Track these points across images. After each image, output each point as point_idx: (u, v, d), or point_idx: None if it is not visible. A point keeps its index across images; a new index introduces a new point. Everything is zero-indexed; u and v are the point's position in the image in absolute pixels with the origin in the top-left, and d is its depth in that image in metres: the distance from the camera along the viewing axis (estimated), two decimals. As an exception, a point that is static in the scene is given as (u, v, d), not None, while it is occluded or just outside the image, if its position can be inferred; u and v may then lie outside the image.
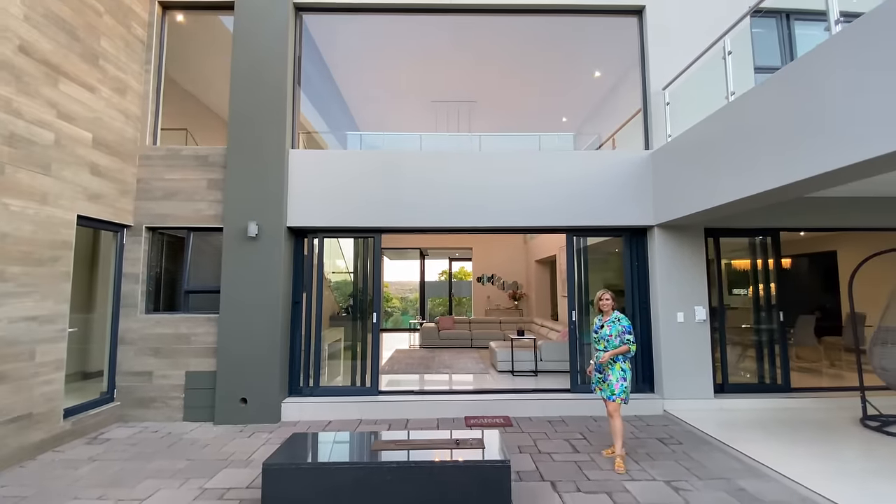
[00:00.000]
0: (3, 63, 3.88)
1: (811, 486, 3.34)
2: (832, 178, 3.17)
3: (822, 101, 3.11)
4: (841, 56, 2.98)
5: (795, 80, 3.38)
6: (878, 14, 2.72)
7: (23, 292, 4.06)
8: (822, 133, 3.08)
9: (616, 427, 3.86)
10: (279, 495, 2.79)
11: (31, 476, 3.76)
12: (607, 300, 4.01)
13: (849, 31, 2.96)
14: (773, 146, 3.56)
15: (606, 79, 7.97)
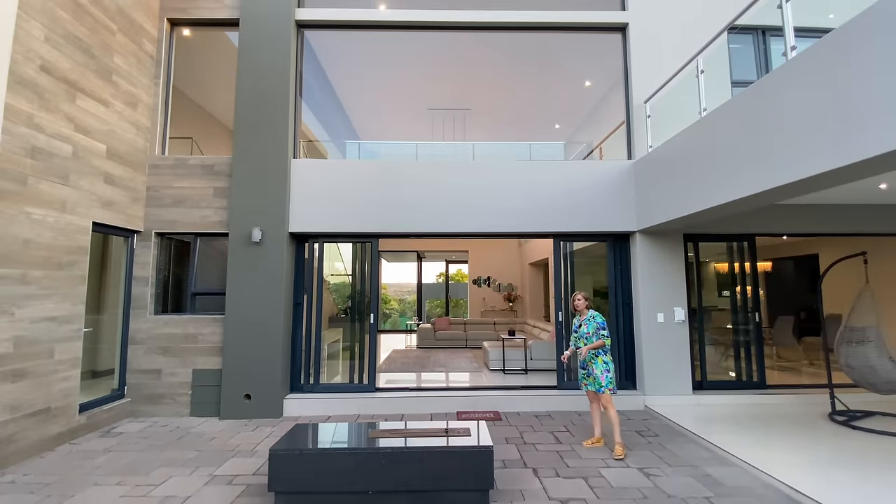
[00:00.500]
0: (27, 82, 4.19)
1: (773, 473, 3.64)
2: (782, 191, 3.50)
3: (769, 123, 3.44)
4: (786, 84, 3.32)
5: (748, 103, 3.72)
6: (809, 52, 3.05)
7: (43, 294, 4.36)
8: (771, 154, 3.41)
9: (612, 417, 4.18)
10: (284, 477, 3.09)
11: (52, 465, 4.05)
12: (580, 300, 4.37)
13: (788, 65, 3.30)
14: (733, 161, 3.90)
15: (597, 88, 8.30)
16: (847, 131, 2.82)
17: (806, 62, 3.22)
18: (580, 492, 3.40)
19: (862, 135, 2.72)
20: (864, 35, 2.76)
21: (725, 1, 4.66)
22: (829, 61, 3.01)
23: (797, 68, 3.30)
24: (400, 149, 8.46)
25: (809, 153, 3.10)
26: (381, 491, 3.11)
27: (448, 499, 3.13)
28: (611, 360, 4.27)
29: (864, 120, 2.72)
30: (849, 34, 2.88)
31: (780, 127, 3.42)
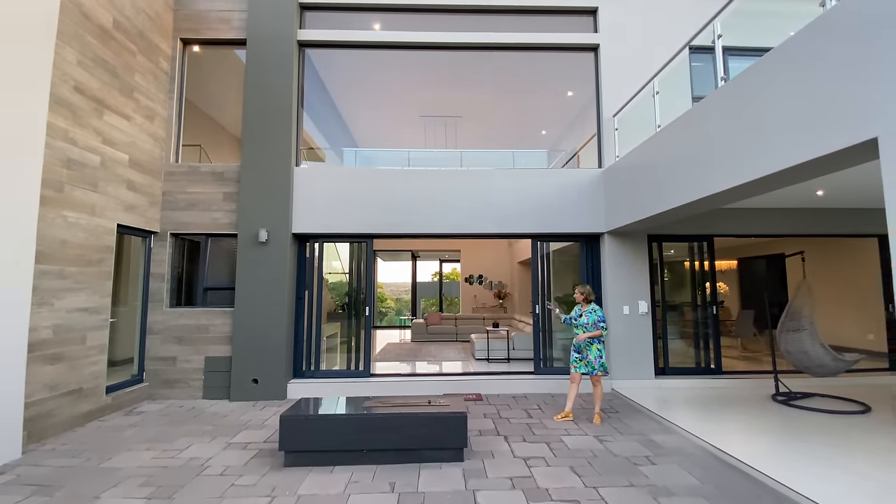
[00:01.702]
0: (63, 101, 4.78)
1: (706, 438, 4.29)
2: (717, 198, 4.15)
3: (701, 141, 4.10)
4: (712, 108, 3.97)
5: (686, 124, 4.38)
6: (727, 85, 3.71)
7: (78, 288, 4.96)
8: (704, 167, 4.07)
9: (598, 393, 5.01)
10: (292, 438, 3.71)
11: (85, 437, 4.65)
12: (579, 294, 5.05)
13: (712, 95, 3.95)
14: (678, 172, 4.55)
15: (578, 98, 8.91)
16: (755, 151, 3.47)
17: (726, 93, 3.87)
18: (541, 452, 4.04)
19: (764, 155, 3.37)
20: (762, 78, 3.42)
21: (688, 23, 5.23)
22: (739, 95, 3.67)
23: (719, 97, 3.95)
24: (394, 155, 9.08)
25: (729, 168, 3.76)
26: (374, 449, 3.74)
27: (429, 456, 3.76)
28: (603, 347, 4.98)
29: (765, 143, 3.37)
30: (750, 76, 3.54)
31: (709, 144, 4.08)
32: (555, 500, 3.14)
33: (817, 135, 2.92)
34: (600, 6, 6.95)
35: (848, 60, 2.76)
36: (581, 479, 3.48)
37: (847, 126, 2.72)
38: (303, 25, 6.88)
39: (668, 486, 3.37)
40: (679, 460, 3.86)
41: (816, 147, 2.92)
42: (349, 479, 3.49)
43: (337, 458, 3.75)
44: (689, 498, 3.18)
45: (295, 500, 3.18)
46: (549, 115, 9.84)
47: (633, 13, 6.94)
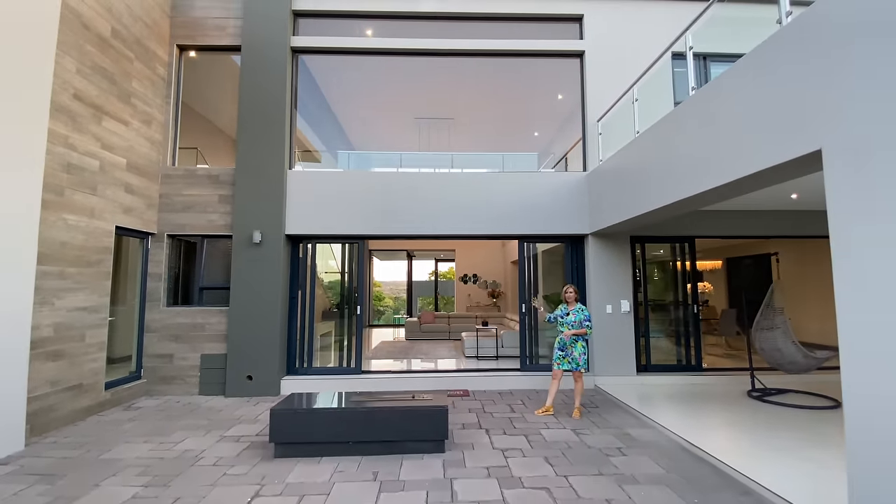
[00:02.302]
0: (63, 108, 4.96)
1: (678, 432, 4.49)
2: (685, 204, 4.35)
3: (672, 149, 4.30)
4: (685, 117, 4.17)
5: (660, 132, 4.59)
6: (689, 101, 3.91)
7: (77, 287, 5.15)
8: (674, 173, 4.27)
9: (579, 388, 5.23)
10: (282, 431, 3.92)
11: (86, 430, 4.85)
12: (570, 293, 5.27)
13: (680, 106, 4.16)
14: (653, 177, 4.75)
15: (568, 101, 9.09)
16: (719, 159, 3.67)
17: (694, 103, 4.07)
18: (519, 444, 4.25)
19: (727, 163, 3.57)
20: (722, 92, 3.62)
21: (671, 30, 5.34)
22: (704, 107, 3.87)
23: (688, 107, 4.15)
24: (386, 157, 9.26)
25: (697, 174, 3.96)
26: (359, 441, 3.95)
27: (412, 447, 3.97)
28: (586, 344, 5.21)
29: (727, 152, 3.57)
30: (711, 90, 3.74)
31: (680, 151, 4.28)
32: (526, 487, 3.34)
33: (770, 146, 3.13)
34: (586, 14, 7.14)
35: (795, 79, 2.96)
36: (553, 468, 3.69)
37: (795, 139, 2.93)
38: (296, 32, 7.06)
39: (634, 475, 3.57)
40: (650, 452, 4.07)
41: (770, 157, 3.12)
42: (335, 469, 3.69)
43: (324, 449, 3.96)
44: (653, 486, 3.38)
45: (283, 488, 3.39)
46: (541, 117, 10.00)
47: (617, 21, 7.13)
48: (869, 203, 2.46)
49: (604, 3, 7.18)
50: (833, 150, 2.69)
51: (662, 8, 7.13)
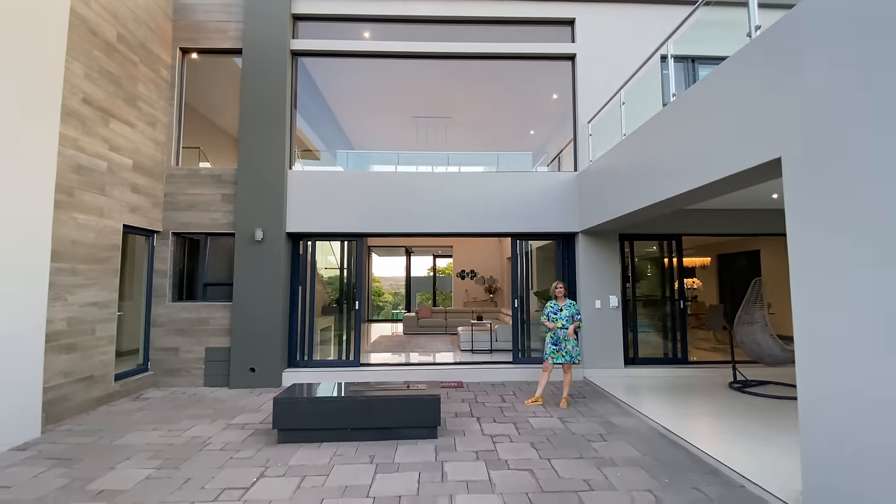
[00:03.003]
0: (73, 112, 5.18)
1: (659, 420, 4.76)
2: (665, 205, 4.59)
3: (648, 155, 4.54)
4: (661, 127, 4.40)
5: (641, 137, 4.82)
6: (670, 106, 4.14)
7: (88, 284, 5.40)
8: (655, 175, 4.51)
9: (567, 380, 5.50)
10: (284, 418, 4.18)
11: (98, 418, 5.12)
12: (560, 289, 5.50)
13: (663, 112, 4.38)
14: (637, 179, 4.98)
15: (562, 101, 9.30)
16: (694, 163, 3.90)
17: (671, 110, 4.30)
18: (508, 431, 4.52)
19: (700, 167, 3.81)
20: (695, 102, 3.85)
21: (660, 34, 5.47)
22: (680, 115, 4.10)
23: (667, 113, 4.38)
24: (384, 156, 9.47)
25: (675, 177, 4.19)
26: (357, 428, 4.21)
27: (406, 434, 4.24)
28: (577, 338, 5.47)
29: (700, 157, 3.81)
30: (685, 100, 3.97)
31: (660, 155, 4.51)
32: (511, 469, 3.61)
33: (736, 153, 3.37)
34: (577, 17, 7.33)
35: (758, 92, 3.19)
36: (538, 452, 3.96)
37: (759, 147, 3.16)
38: (296, 35, 7.26)
39: (612, 458, 3.84)
40: (629, 438, 4.34)
41: (736, 164, 3.36)
42: (334, 453, 3.96)
43: (324, 435, 4.22)
44: (628, 468, 3.65)
45: (286, 470, 3.65)
46: (536, 116, 10.18)
47: (608, 24, 7.32)
48: (820, 204, 2.71)
49: (595, 7, 7.37)
50: (790, 159, 2.93)
51: (652, 11, 7.32)
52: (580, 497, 3.16)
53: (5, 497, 3.31)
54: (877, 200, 2.37)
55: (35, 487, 3.45)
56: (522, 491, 3.25)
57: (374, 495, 3.22)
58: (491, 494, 3.21)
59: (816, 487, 2.76)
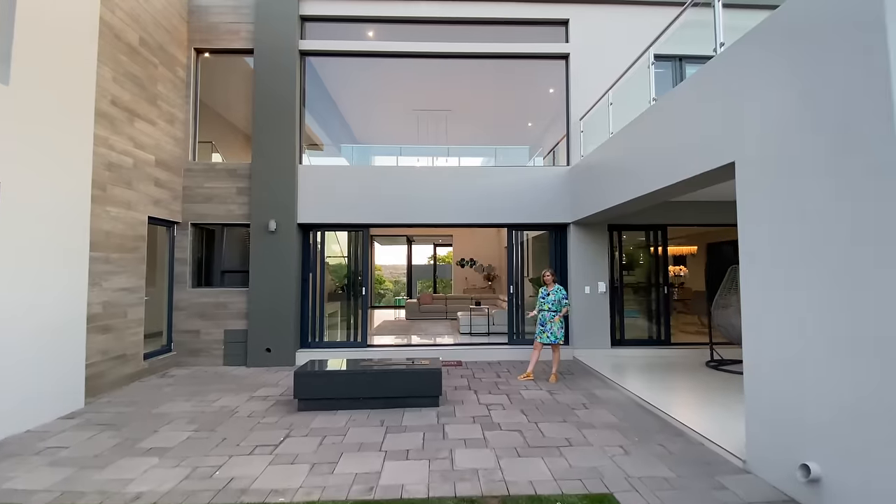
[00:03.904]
0: (103, 113, 5.63)
1: (636, 392, 5.31)
2: (644, 199, 5.08)
3: (630, 154, 5.01)
4: (641, 129, 4.86)
5: (627, 136, 5.28)
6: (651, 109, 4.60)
7: (120, 271, 5.91)
8: (631, 172, 4.99)
9: (556, 358, 6.04)
10: (304, 388, 4.73)
11: (132, 392, 5.68)
12: (548, 276, 6.01)
13: (643, 115, 4.84)
14: (622, 173, 5.46)
15: (559, 95, 9.68)
16: (665, 164, 4.38)
17: (650, 114, 4.76)
18: (501, 401, 5.09)
19: (671, 168, 4.29)
20: (664, 112, 4.31)
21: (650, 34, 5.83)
22: (656, 119, 4.56)
23: (646, 116, 4.84)
24: (387, 150, 9.91)
25: (651, 175, 4.67)
26: (368, 397, 4.77)
27: (411, 402, 4.80)
28: (564, 321, 5.99)
29: (671, 159, 4.29)
30: (657, 108, 4.43)
31: (639, 154, 4.99)
32: (503, 430, 4.18)
33: (700, 157, 3.85)
34: (571, 18, 7.71)
35: (718, 105, 3.66)
36: (527, 417, 4.53)
37: (713, 154, 3.65)
38: (303, 36, 7.65)
39: (592, 422, 4.41)
40: (609, 407, 4.90)
41: (700, 166, 3.85)
42: (349, 419, 4.52)
43: (339, 404, 4.78)
44: (605, 429, 4.22)
45: (308, 431, 4.22)
46: (533, 112, 10.55)
47: (600, 25, 7.70)
48: (763, 203, 3.21)
49: (588, 8, 7.74)
50: (742, 163, 3.41)
51: (642, 12, 7.69)
52: (560, 451, 3.72)
53: (67, 455, 3.86)
54: (803, 199, 2.87)
55: (91, 447, 4.01)
56: (512, 446, 3.82)
57: (385, 449, 3.78)
58: (485, 449, 3.77)
59: (755, 435, 3.31)
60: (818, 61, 2.76)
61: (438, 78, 9.13)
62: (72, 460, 3.70)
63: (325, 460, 3.59)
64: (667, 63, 7.84)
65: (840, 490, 2.62)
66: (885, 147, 2.34)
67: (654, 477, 3.27)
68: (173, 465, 3.58)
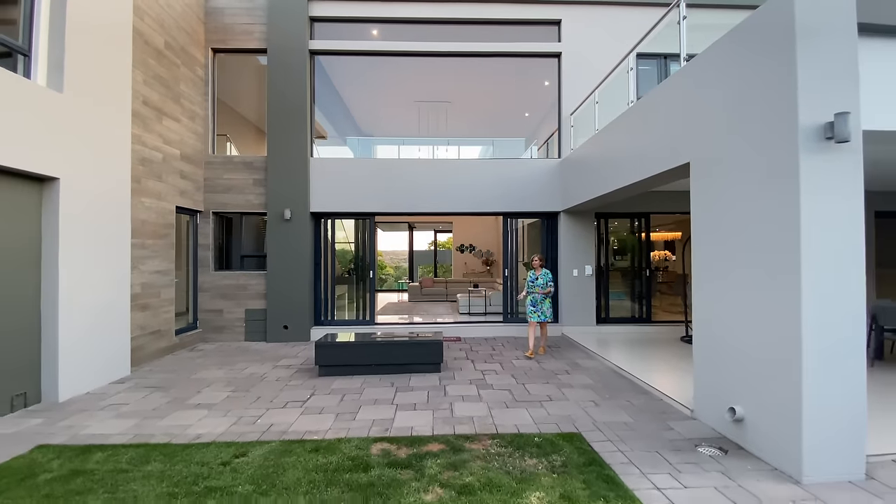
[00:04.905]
0: (137, 113, 6.24)
1: (614, 361, 6.06)
2: (623, 191, 5.74)
3: (611, 150, 5.65)
4: (620, 128, 5.49)
5: (606, 135, 5.91)
6: (630, 109, 5.22)
7: (154, 256, 6.60)
8: (612, 166, 5.64)
9: (544, 333, 6.74)
10: (324, 357, 5.47)
11: (169, 363, 6.43)
12: (536, 260, 6.67)
13: (621, 116, 5.46)
14: (603, 167, 6.11)
15: (554, 87, 10.20)
16: (638, 161, 5.03)
17: (627, 115, 5.39)
18: (494, 368, 5.84)
19: (642, 165, 4.93)
20: (633, 118, 4.94)
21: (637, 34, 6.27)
22: (631, 121, 5.19)
23: (624, 117, 5.46)
24: (390, 142, 10.49)
25: (627, 170, 5.32)
26: (379, 364, 5.51)
27: (417, 368, 5.55)
28: (552, 302, 6.68)
29: (642, 157, 4.93)
30: (629, 112, 5.05)
31: (618, 151, 5.62)
32: (495, 389, 4.93)
33: (663, 156, 4.50)
34: (563, 19, 8.22)
35: (677, 110, 4.30)
36: (516, 380, 5.27)
37: (672, 154, 4.30)
38: (313, 36, 8.17)
39: (571, 384, 5.15)
40: (588, 373, 5.65)
41: (663, 164, 4.50)
42: (364, 381, 5.27)
43: (354, 370, 5.52)
44: (582, 389, 4.96)
45: (329, 391, 4.96)
46: (531, 99, 11.06)
47: (591, 25, 8.22)
48: (708, 197, 3.88)
49: (579, 9, 8.25)
50: (695, 163, 4.07)
51: (630, 13, 8.20)
52: (542, 404, 4.47)
53: (128, 409, 4.60)
54: (734, 197, 3.54)
55: (147, 403, 4.75)
56: (501, 401, 4.56)
57: (396, 403, 4.53)
58: (479, 403, 4.52)
59: (699, 390, 4.05)
60: (743, 81, 3.40)
61: (439, 73, 9.65)
62: (134, 413, 4.45)
63: (346, 411, 4.34)
64: (652, 61, 8.40)
65: (754, 424, 3.35)
66: (781, 151, 3.01)
67: (617, 422, 4.02)
68: (221, 415, 4.32)
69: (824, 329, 2.95)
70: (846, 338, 2.96)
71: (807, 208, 2.95)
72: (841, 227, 2.96)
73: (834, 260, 2.96)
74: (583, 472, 3.06)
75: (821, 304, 2.95)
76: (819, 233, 2.95)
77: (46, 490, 2.98)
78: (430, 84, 10.23)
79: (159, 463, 3.30)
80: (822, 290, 2.95)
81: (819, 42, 2.97)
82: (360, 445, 3.50)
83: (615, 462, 3.23)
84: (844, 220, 2.97)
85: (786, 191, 3.05)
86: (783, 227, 3.08)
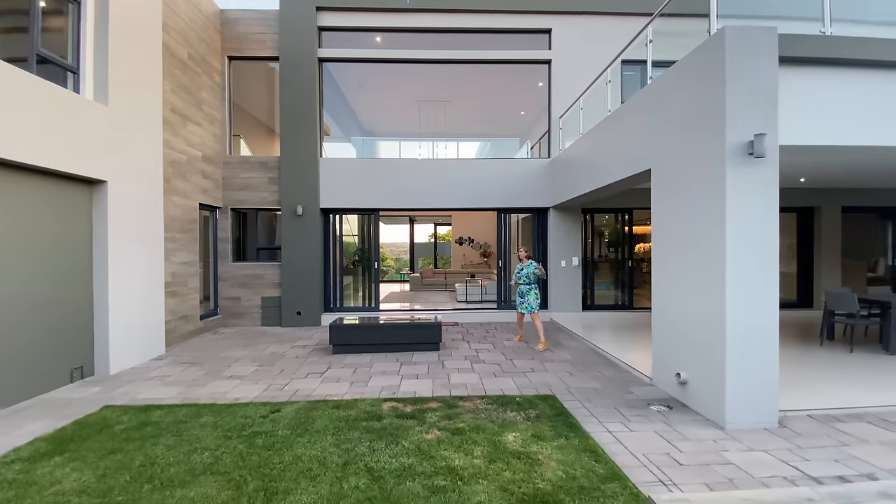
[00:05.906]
0: (167, 120, 6.93)
1: (595, 342, 6.83)
2: (602, 190, 6.46)
3: (592, 153, 6.36)
4: (599, 134, 6.20)
5: (592, 137, 6.61)
6: (604, 122, 5.93)
7: (182, 248, 7.34)
8: (591, 168, 6.35)
9: (538, 325, 7.12)
10: (337, 337, 6.24)
11: (197, 344, 7.20)
12: (522, 253, 7.36)
13: (603, 122, 6.17)
14: (588, 167, 6.82)
15: (546, 90, 10.85)
16: (611, 164, 5.74)
17: (605, 123, 6.09)
18: (487, 348, 6.61)
19: (614, 168, 5.65)
20: (608, 125, 5.65)
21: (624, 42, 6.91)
22: (607, 129, 5.90)
23: (603, 124, 6.17)
24: (392, 141, 11.16)
25: (603, 172, 6.04)
26: (385, 343, 6.28)
27: (418, 347, 6.32)
28: (538, 292, 7.35)
29: (629, 155, 5.65)
30: (621, 112, 5.76)
31: (596, 154, 6.33)
32: (486, 364, 5.70)
33: (630, 162, 5.21)
34: (553, 28, 8.86)
35: (639, 127, 5.01)
36: (505, 356, 6.05)
37: (638, 161, 5.01)
38: (321, 45, 8.82)
39: (552, 359, 5.93)
40: (568, 351, 6.43)
41: (630, 169, 5.22)
42: (372, 358, 6.04)
43: (363, 348, 6.29)
44: (561, 363, 5.74)
45: (343, 365, 5.74)
46: (526, 99, 11.70)
47: (579, 33, 8.86)
48: (665, 201, 4.61)
49: (568, 18, 8.88)
50: (655, 170, 4.79)
51: (617, 22, 8.82)
52: (525, 374, 5.25)
53: (173, 379, 5.36)
54: (682, 201, 4.27)
55: (188, 375, 5.52)
56: (491, 373, 5.34)
57: (401, 374, 5.30)
58: (472, 374, 5.30)
59: (656, 361, 4.82)
60: (689, 103, 4.11)
61: (438, 77, 10.28)
62: (179, 382, 5.22)
63: (359, 380, 5.11)
64: (636, 67, 9.03)
65: (694, 387, 4.12)
66: (715, 163, 3.73)
67: (586, 388, 4.79)
68: (253, 383, 5.10)
69: (744, 311, 3.69)
70: (763, 323, 3.70)
71: (731, 210, 3.68)
72: (759, 226, 3.70)
73: (755, 254, 3.69)
74: (552, 421, 3.83)
75: (743, 292, 3.68)
76: (742, 229, 3.68)
77: (124, 436, 3.75)
78: (430, 86, 10.88)
79: (210, 416, 4.08)
80: (743, 279, 3.68)
81: (744, 75, 3.68)
82: (373, 403, 4.28)
83: (580, 415, 4.01)
84: (762, 220, 3.70)
85: (717, 196, 3.78)
86: (714, 226, 3.81)
